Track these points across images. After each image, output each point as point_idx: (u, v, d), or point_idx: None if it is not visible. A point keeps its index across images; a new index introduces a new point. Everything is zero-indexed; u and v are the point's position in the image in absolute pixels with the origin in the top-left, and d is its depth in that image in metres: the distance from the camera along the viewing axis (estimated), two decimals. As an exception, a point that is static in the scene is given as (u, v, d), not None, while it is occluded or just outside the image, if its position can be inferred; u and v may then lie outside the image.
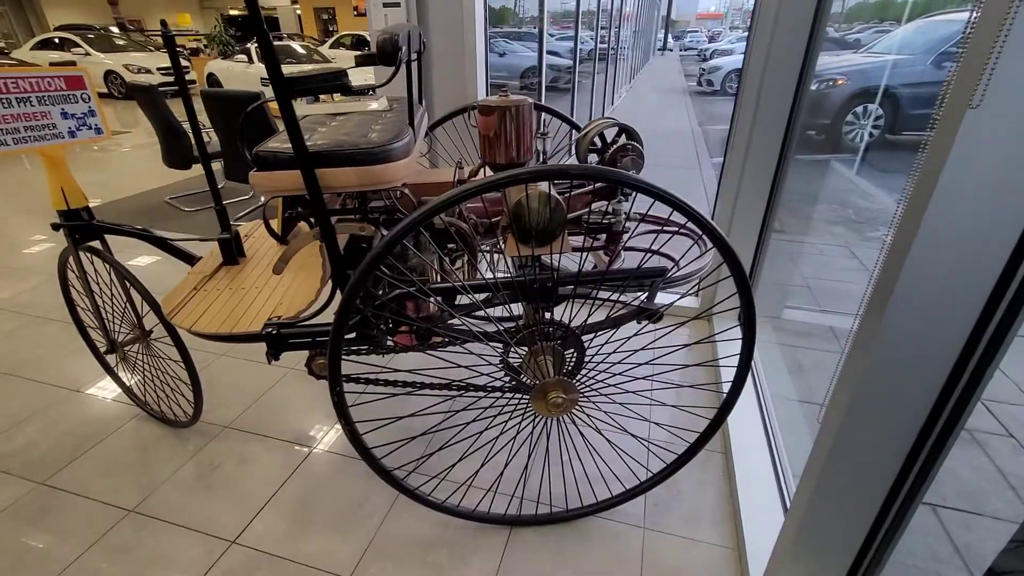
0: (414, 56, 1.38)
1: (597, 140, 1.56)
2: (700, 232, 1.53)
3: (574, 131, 1.86)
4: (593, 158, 1.57)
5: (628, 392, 1.28)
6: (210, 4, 20.88)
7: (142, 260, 3.02)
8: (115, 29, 14.95)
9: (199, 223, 3.61)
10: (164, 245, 1.47)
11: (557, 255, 1.22)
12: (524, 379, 1.24)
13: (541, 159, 1.47)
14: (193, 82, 10.83)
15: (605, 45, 8.63)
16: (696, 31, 34.50)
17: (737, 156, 1.98)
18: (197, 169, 3.80)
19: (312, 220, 1.14)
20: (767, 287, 2.38)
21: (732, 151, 2.01)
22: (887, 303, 0.73)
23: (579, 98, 6.45)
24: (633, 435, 1.47)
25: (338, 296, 1.14)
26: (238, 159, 3.41)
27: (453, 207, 0.95)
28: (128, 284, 1.41)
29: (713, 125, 8.40)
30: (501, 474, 1.46)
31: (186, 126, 3.65)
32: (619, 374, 1.27)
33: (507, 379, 1.24)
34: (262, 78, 7.83)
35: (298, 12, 19.55)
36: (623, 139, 1.55)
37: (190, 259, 1.51)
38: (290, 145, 0.95)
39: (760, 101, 1.85)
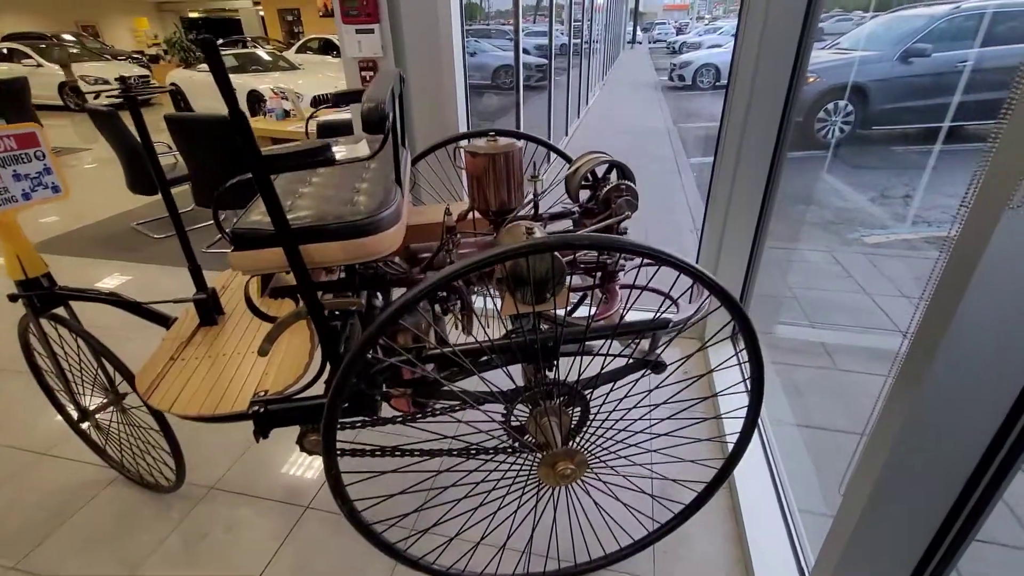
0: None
1: (589, 175, 1.52)
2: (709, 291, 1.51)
3: (552, 158, 1.80)
4: (585, 195, 1.52)
5: (632, 447, 1.24)
6: (168, 7, 20.17)
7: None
8: (68, 37, 14.31)
9: (170, 251, 3.46)
10: (136, 309, 1.38)
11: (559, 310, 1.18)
12: (528, 440, 1.19)
13: (533, 201, 1.41)
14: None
15: (578, 40, 8.54)
16: (664, 23, 34.71)
17: (728, 160, 1.91)
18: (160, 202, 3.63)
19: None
20: (756, 300, 2.36)
21: (723, 154, 1.94)
22: (929, 370, 0.70)
23: (553, 96, 6.37)
24: (640, 490, 1.44)
25: (330, 365, 1.08)
26: (207, 183, 3.27)
27: (454, 281, 0.89)
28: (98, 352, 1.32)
29: (687, 123, 8.46)
30: (505, 543, 1.41)
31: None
32: (622, 430, 1.23)
33: (510, 443, 1.19)
34: (228, 88, 7.57)
35: (261, 14, 19.03)
36: (615, 176, 1.51)
37: (165, 320, 1.42)
38: (269, 220, 0.88)
39: (752, 98, 1.76)
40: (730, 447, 1.24)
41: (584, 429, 1.24)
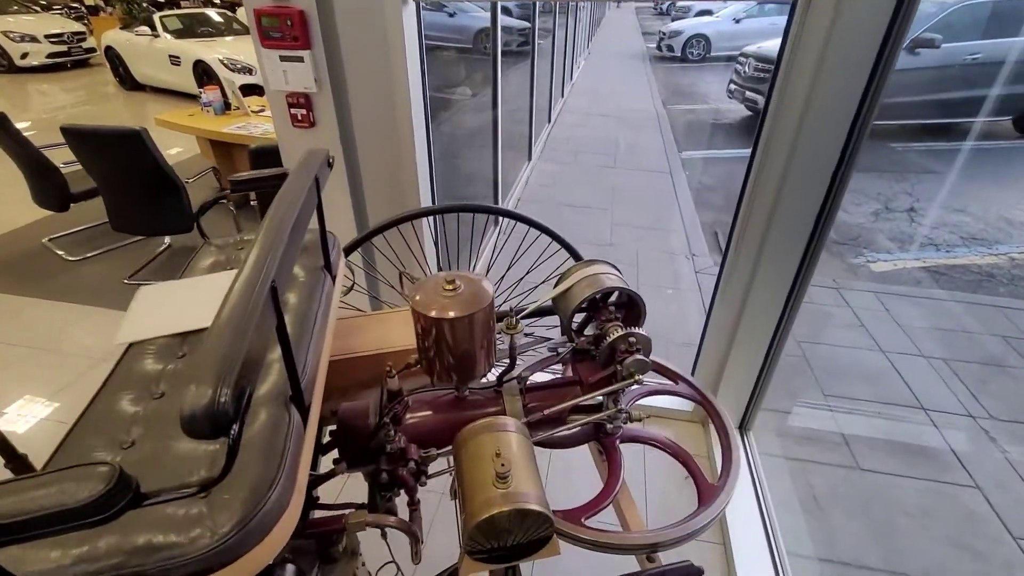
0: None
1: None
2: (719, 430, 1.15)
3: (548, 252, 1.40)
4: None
5: None
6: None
7: None
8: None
9: (86, 280, 2.94)
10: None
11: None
12: None
13: (509, 364, 1.03)
14: (93, 50, 9.38)
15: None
16: (651, -21, 33.15)
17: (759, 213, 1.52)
18: (76, 209, 3.09)
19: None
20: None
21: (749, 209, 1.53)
22: None
23: (537, 71, 5.73)
24: None
25: None
26: (121, 203, 2.74)
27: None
28: None
29: (678, 104, 7.97)
30: None
31: (50, 154, 2.93)
32: None
33: None
34: (171, 55, 6.74)
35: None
36: (613, 302, 1.12)
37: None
38: None
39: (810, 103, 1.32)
40: None
41: None
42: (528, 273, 1.62)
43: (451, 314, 0.87)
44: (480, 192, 3.40)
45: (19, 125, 6.15)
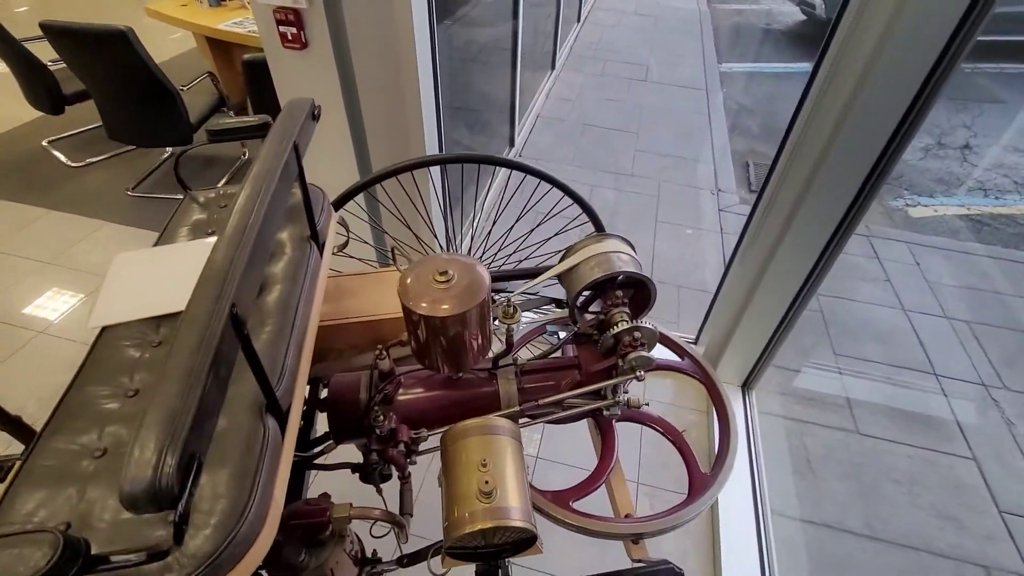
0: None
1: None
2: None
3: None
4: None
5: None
6: None
7: None
8: None
9: (90, 187, 2.88)
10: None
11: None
12: None
13: (505, 347, 0.97)
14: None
15: None
16: None
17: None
18: (73, 111, 2.94)
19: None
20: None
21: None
22: None
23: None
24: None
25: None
26: (115, 109, 2.59)
27: None
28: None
29: (725, 3, 7.10)
30: None
31: (37, 50, 2.72)
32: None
33: None
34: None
35: None
36: (625, 293, 1.04)
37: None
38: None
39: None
40: None
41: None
42: (539, 225, 1.52)
43: (444, 308, 0.81)
44: (495, 107, 3.15)
45: (18, 9, 5.74)
